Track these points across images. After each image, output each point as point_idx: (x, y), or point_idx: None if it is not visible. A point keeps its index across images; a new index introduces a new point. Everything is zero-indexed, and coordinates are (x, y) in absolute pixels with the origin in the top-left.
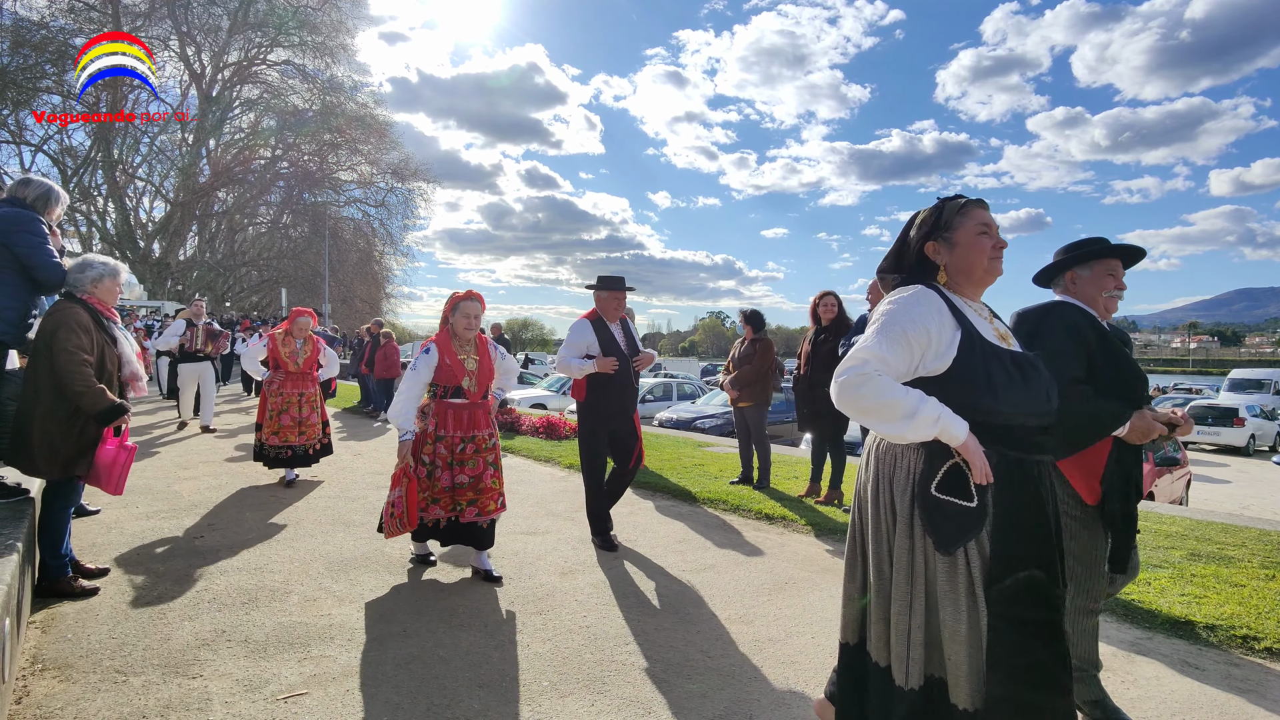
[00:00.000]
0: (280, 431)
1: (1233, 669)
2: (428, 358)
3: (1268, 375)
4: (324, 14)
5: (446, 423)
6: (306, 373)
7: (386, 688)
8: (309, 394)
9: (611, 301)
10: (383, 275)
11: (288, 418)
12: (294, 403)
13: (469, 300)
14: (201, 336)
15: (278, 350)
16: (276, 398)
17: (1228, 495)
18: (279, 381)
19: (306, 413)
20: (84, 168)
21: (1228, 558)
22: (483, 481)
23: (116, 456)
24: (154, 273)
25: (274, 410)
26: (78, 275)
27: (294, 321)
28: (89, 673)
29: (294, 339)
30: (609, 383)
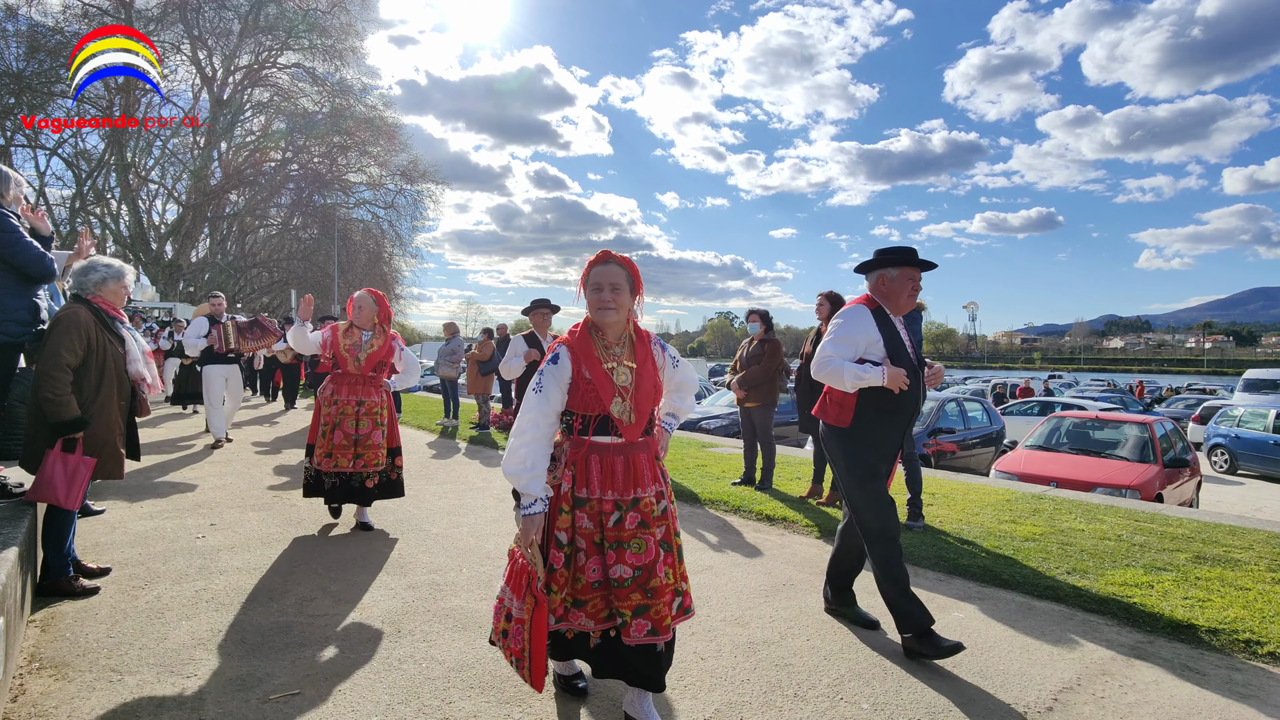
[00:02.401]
0: (333, 453)
1: (1234, 674)
2: (556, 370)
3: None
4: (333, 17)
5: (590, 478)
6: (371, 376)
7: (379, 688)
8: (372, 404)
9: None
10: (392, 277)
11: (340, 434)
12: (350, 414)
13: (604, 265)
14: (232, 334)
15: (337, 343)
16: (330, 407)
17: (1240, 497)
18: (334, 385)
19: (366, 429)
20: (98, 170)
21: (1234, 560)
22: (655, 575)
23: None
24: (166, 274)
25: (327, 424)
26: (83, 277)
27: (355, 305)
28: (85, 671)
29: (359, 329)
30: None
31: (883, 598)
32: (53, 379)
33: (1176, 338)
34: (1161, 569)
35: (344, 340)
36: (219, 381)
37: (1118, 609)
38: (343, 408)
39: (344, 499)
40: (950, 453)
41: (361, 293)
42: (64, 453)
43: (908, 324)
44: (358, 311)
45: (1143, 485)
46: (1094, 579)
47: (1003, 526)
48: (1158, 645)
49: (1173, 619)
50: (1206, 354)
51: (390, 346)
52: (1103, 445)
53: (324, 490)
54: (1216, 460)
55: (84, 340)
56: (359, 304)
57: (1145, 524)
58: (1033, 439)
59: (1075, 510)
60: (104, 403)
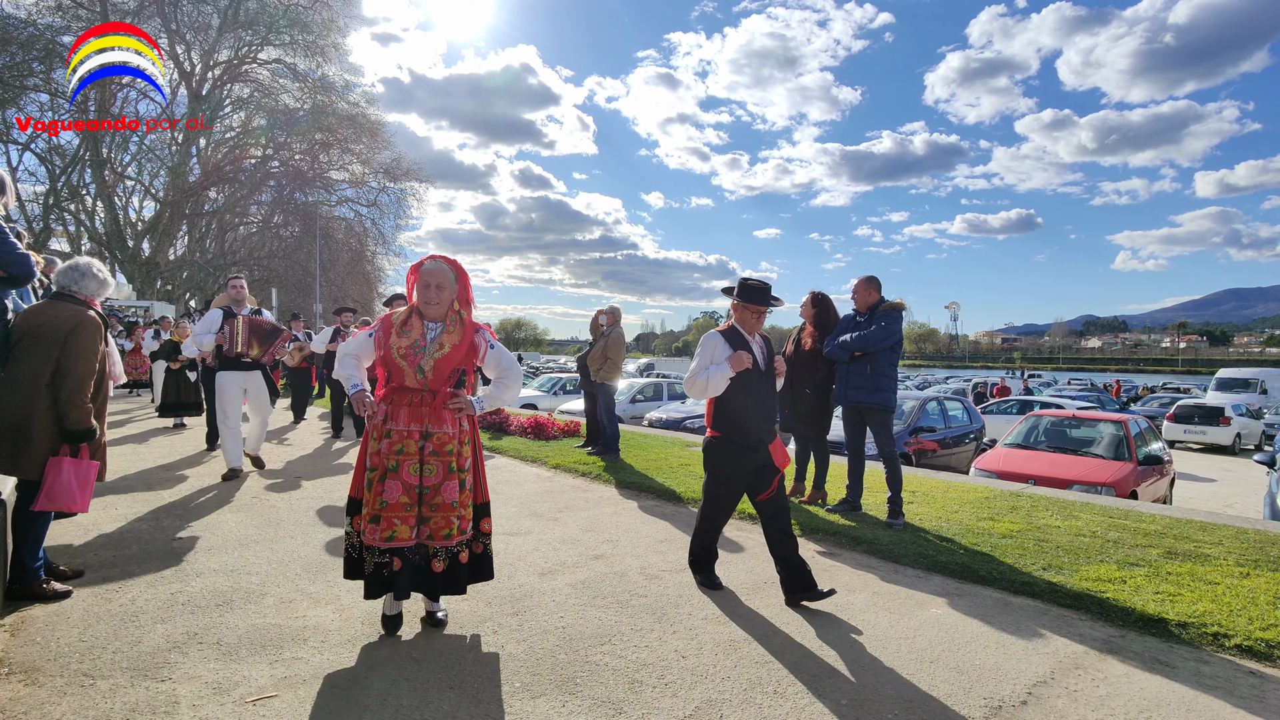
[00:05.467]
0: (383, 516)
1: (1203, 666)
2: None
3: (1254, 375)
4: (315, 13)
5: None
6: (442, 393)
7: (357, 690)
8: (444, 437)
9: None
10: (375, 275)
11: (396, 485)
12: (412, 453)
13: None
14: (244, 334)
15: (387, 343)
16: (380, 442)
17: (1212, 494)
18: (389, 408)
19: (436, 477)
20: (72, 166)
21: (1204, 556)
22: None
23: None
24: (143, 272)
25: (374, 469)
26: (79, 281)
27: (420, 279)
28: (56, 676)
29: (421, 320)
30: None
31: None
32: (82, 388)
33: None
34: (1134, 564)
35: (399, 339)
36: (233, 394)
37: (1091, 604)
38: (400, 442)
39: (404, 588)
40: (931, 451)
41: (434, 262)
42: (73, 458)
43: (888, 322)
44: (425, 291)
45: (1117, 482)
46: (1069, 575)
47: (981, 524)
48: (1129, 639)
49: (1144, 613)
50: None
51: (473, 344)
52: (1079, 443)
53: (369, 574)
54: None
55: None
56: (429, 278)
57: (1119, 520)
58: (1011, 437)
59: (1052, 507)
60: (101, 406)
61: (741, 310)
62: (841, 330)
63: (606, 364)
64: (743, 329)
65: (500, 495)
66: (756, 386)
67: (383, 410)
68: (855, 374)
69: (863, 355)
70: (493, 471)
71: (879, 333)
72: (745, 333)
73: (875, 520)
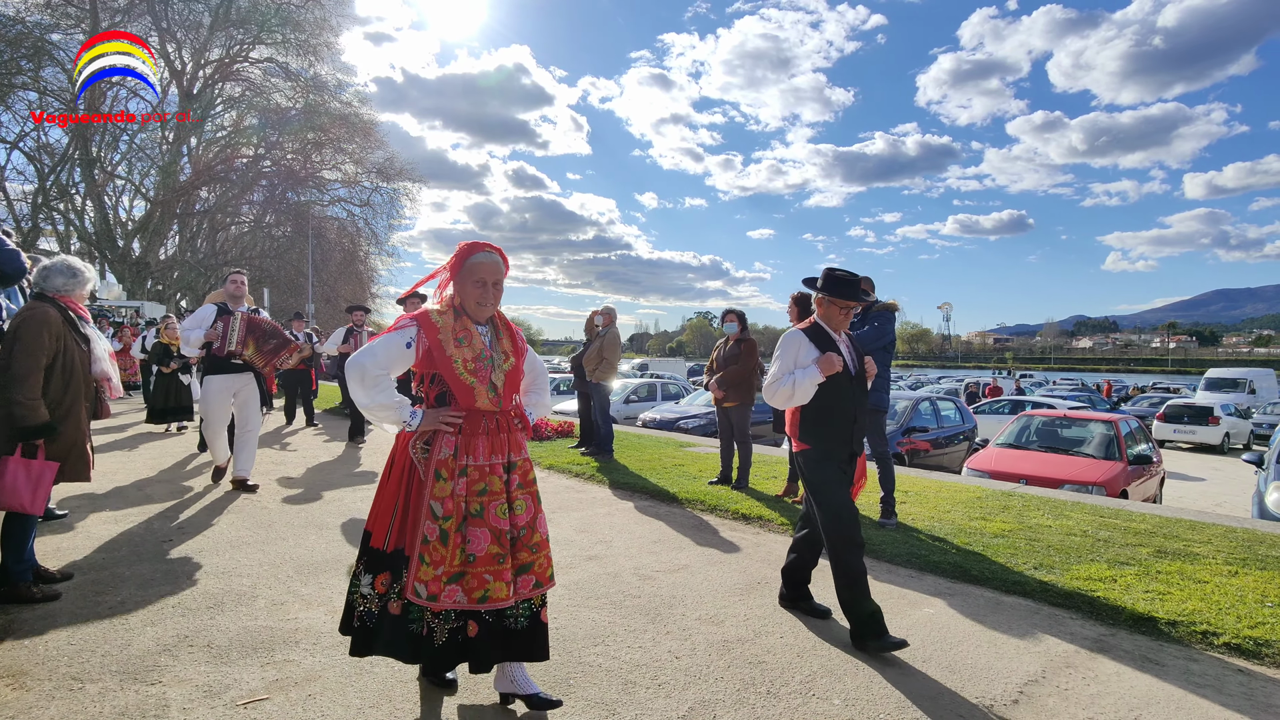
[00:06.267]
0: (472, 573)
1: (1192, 664)
2: None
3: (1243, 375)
4: (307, 12)
5: None
6: (510, 413)
7: (350, 692)
8: (525, 465)
9: None
10: (368, 275)
11: (486, 534)
12: (498, 491)
13: None
14: (240, 333)
15: (442, 354)
16: (456, 480)
17: (1201, 493)
18: (459, 439)
19: (528, 513)
20: (61, 165)
21: (1193, 554)
22: None
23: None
24: (133, 272)
25: (450, 516)
26: (50, 278)
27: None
28: (44, 680)
29: (471, 322)
30: None
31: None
32: (24, 382)
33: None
34: (1124, 563)
35: (459, 349)
36: (222, 399)
37: (1082, 603)
38: (481, 480)
39: (487, 656)
40: (924, 451)
41: (487, 254)
42: (25, 458)
43: (881, 323)
44: (480, 290)
45: (1108, 482)
46: (1060, 574)
47: (973, 523)
48: (1119, 638)
49: (1134, 612)
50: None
51: (521, 348)
52: (1070, 443)
53: (441, 644)
54: None
55: (54, 340)
56: (487, 273)
57: (1110, 520)
58: (1003, 437)
59: (1043, 507)
60: (71, 404)
61: (827, 305)
62: None
63: (602, 364)
64: (828, 326)
65: None
66: (848, 391)
67: (451, 443)
68: None
69: None
70: None
71: (872, 333)
72: (831, 330)
73: (868, 520)
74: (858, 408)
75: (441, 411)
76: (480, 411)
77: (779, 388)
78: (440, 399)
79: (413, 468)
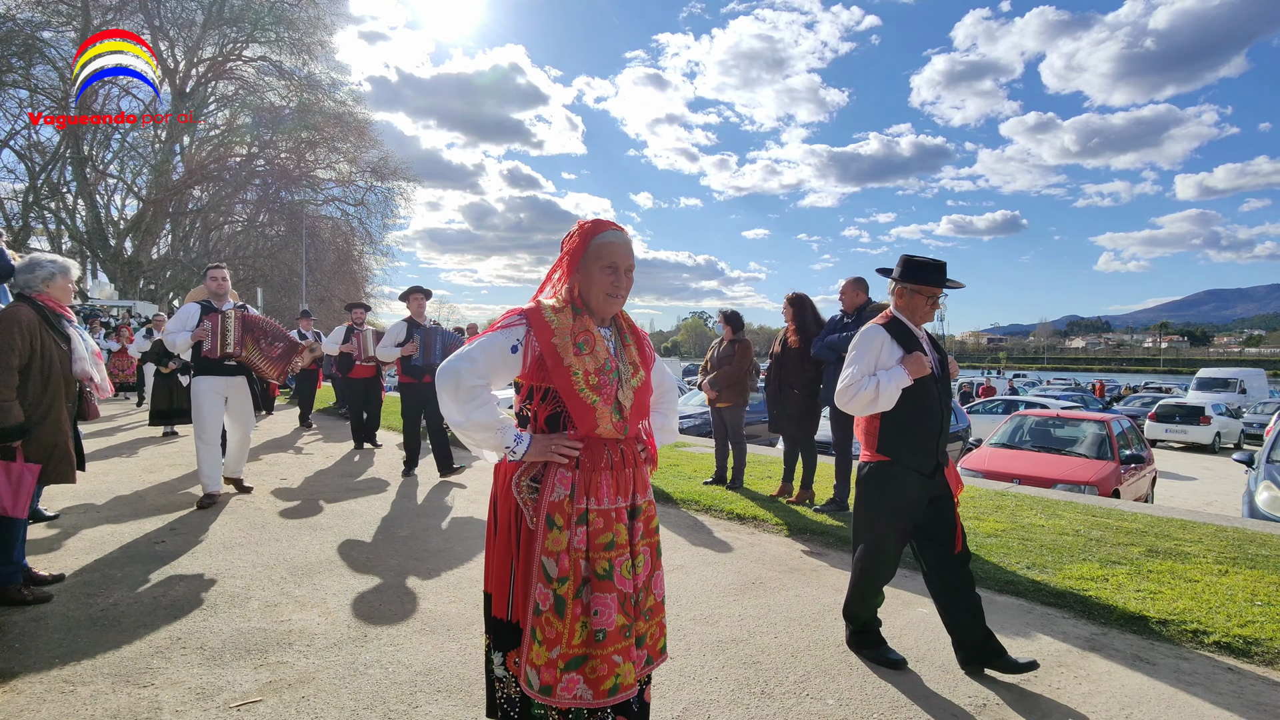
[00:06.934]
0: (599, 655)
1: (1182, 663)
2: None
3: (1234, 374)
4: (301, 10)
5: None
6: (635, 440)
7: (344, 694)
8: (649, 510)
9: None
10: (362, 275)
11: (613, 599)
12: (624, 544)
13: None
14: (236, 332)
15: (557, 363)
16: (573, 531)
17: (1192, 492)
18: (578, 476)
19: (649, 565)
20: (52, 164)
21: (1184, 554)
22: None
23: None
24: (125, 271)
25: (567, 576)
26: (27, 275)
27: (600, 256)
28: (35, 683)
29: (591, 319)
30: None
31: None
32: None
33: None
34: (1116, 563)
35: (577, 357)
36: (213, 402)
37: (1074, 602)
38: (607, 530)
39: None
40: None
41: (617, 233)
42: (3, 460)
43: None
44: (613, 278)
45: (1100, 481)
46: (1052, 573)
47: (966, 523)
48: (1111, 637)
49: (1126, 611)
50: (1163, 353)
51: (650, 356)
52: (1063, 443)
53: None
54: None
55: (27, 340)
56: (621, 258)
57: (1102, 519)
58: (996, 437)
59: (1036, 506)
60: (51, 405)
61: (909, 296)
62: (829, 331)
63: None
64: (910, 320)
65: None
66: (935, 395)
67: (567, 480)
68: None
69: None
70: (479, 473)
71: None
72: (913, 325)
73: None
74: (944, 414)
75: (555, 438)
76: (602, 439)
77: (859, 392)
78: (552, 421)
79: (520, 511)
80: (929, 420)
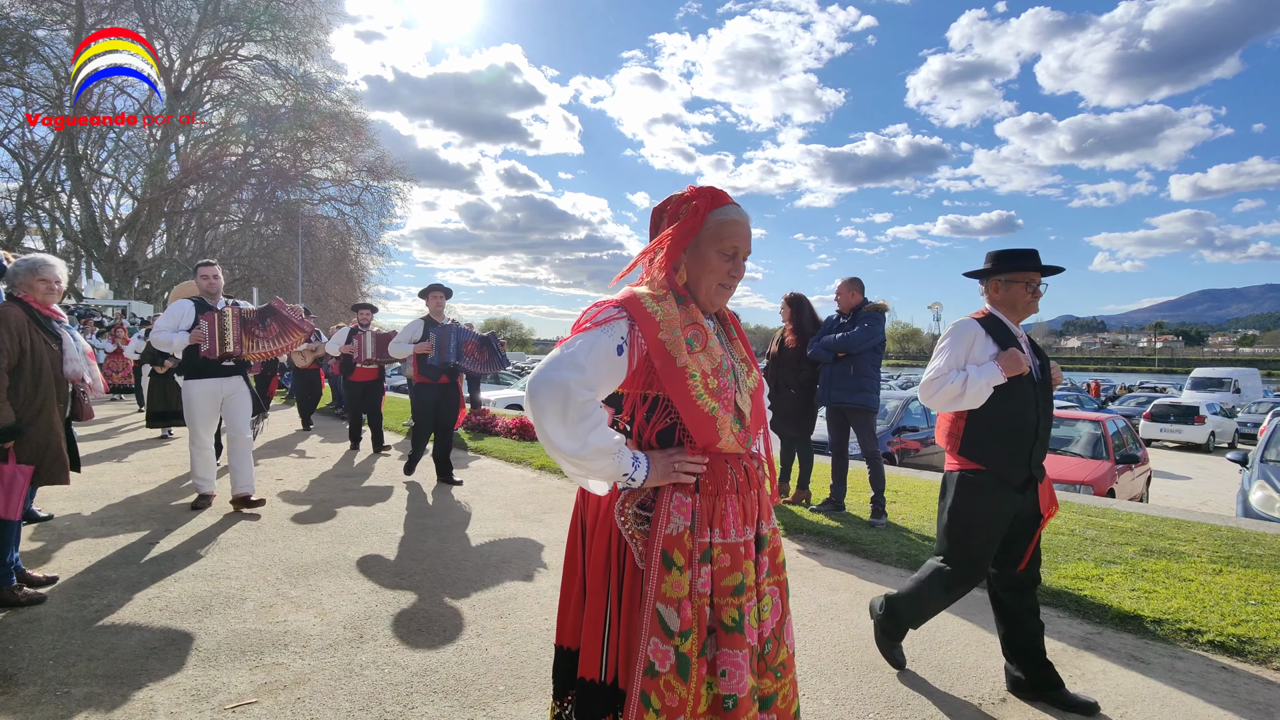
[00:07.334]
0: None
1: (1177, 662)
2: None
3: (1228, 374)
4: (297, 9)
5: None
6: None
7: (340, 695)
8: (776, 540)
9: None
10: (358, 274)
11: (742, 655)
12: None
13: None
14: (231, 329)
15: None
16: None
17: (1187, 491)
18: (698, 501)
19: (777, 610)
20: (47, 163)
21: (1179, 553)
22: None
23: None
24: (120, 271)
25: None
26: (13, 275)
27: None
28: (28, 685)
29: (700, 312)
30: None
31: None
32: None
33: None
34: (1111, 562)
35: (694, 357)
36: (207, 407)
37: (1069, 601)
38: (735, 568)
39: None
40: (914, 450)
41: (735, 208)
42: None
43: (871, 324)
44: (732, 265)
45: (1095, 481)
46: (1047, 572)
47: None
48: (1106, 636)
49: (1120, 610)
50: (1158, 353)
51: (752, 353)
52: (1058, 442)
53: None
54: None
55: (15, 340)
56: (736, 232)
57: (1097, 519)
58: None
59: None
60: (42, 406)
61: (1005, 287)
62: (825, 331)
63: None
64: (1008, 316)
65: (484, 497)
66: (1032, 397)
67: (687, 508)
68: (838, 375)
69: (846, 356)
70: (477, 473)
71: (862, 334)
72: (1012, 323)
73: (858, 520)
74: (1042, 421)
75: (675, 455)
76: (723, 455)
77: (945, 384)
78: (664, 438)
79: (622, 546)
80: (1022, 426)
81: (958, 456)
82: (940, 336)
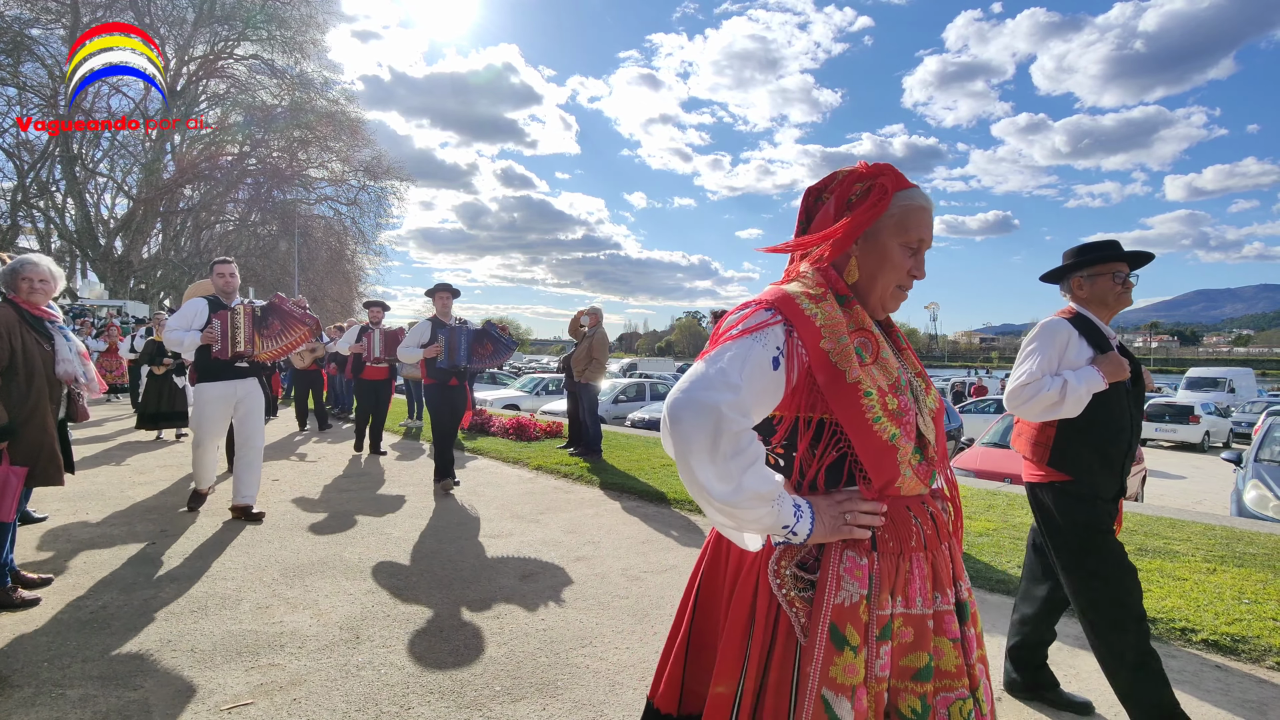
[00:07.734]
0: None
1: (1171, 661)
2: None
3: (1223, 374)
4: (293, 8)
5: None
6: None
7: (336, 696)
8: (974, 609)
9: None
10: (355, 274)
11: None
12: (953, 670)
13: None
14: (244, 328)
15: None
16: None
17: (1181, 491)
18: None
19: (987, 706)
20: (41, 162)
21: (1173, 552)
22: None
23: None
24: (115, 271)
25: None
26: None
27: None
28: (23, 686)
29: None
30: None
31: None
32: None
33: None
34: None
35: (866, 370)
36: (219, 409)
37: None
38: (921, 645)
39: None
40: None
41: (919, 194)
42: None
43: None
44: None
45: None
46: None
47: None
48: None
49: None
50: (1153, 353)
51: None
52: None
53: None
54: None
55: (6, 341)
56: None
57: None
58: (989, 436)
59: (1027, 506)
60: (35, 406)
61: (1091, 282)
62: None
63: (592, 364)
64: (1098, 314)
65: (481, 497)
66: (1126, 405)
67: (863, 570)
68: None
69: None
70: (474, 473)
71: None
72: (1102, 323)
73: None
74: (1134, 432)
75: (845, 501)
76: (904, 500)
77: (1042, 392)
78: (832, 473)
79: (772, 604)
80: (1118, 435)
81: (1045, 467)
82: (1027, 337)
